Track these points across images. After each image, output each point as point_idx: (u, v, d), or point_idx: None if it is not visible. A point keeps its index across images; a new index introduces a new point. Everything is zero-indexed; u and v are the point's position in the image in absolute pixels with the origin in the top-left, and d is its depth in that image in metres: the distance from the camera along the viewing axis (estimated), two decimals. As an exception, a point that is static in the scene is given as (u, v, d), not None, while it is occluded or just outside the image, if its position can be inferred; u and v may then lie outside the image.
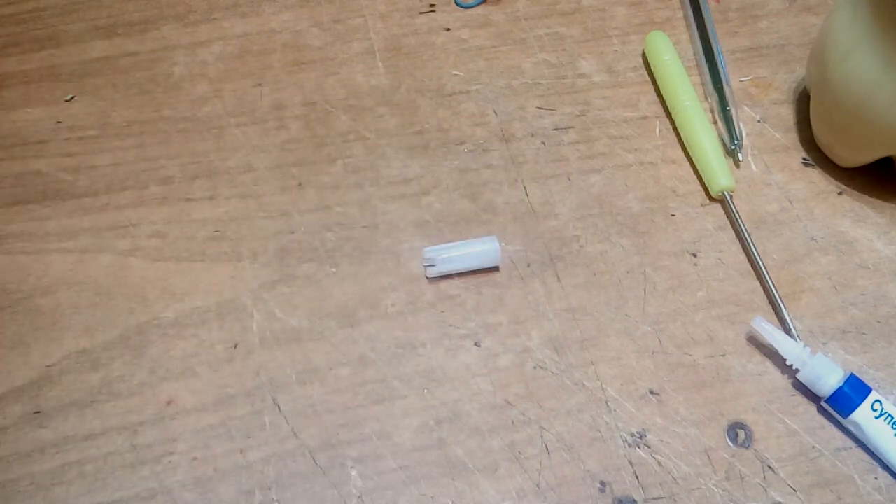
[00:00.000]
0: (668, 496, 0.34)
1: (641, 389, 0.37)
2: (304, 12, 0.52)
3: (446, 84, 0.48)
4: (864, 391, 0.35)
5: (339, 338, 0.39)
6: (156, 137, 0.46)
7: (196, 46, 0.50)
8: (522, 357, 0.38)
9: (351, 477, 0.35)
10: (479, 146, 0.45)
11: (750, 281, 0.41)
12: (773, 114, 0.47)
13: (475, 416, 0.36)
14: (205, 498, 0.34)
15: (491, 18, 0.52)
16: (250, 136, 0.46)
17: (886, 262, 0.41)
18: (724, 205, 0.43)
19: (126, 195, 0.43)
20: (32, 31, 0.51)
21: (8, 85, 0.48)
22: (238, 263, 0.41)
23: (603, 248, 0.42)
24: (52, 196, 0.43)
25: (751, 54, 0.50)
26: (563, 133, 0.46)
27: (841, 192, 0.44)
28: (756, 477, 0.35)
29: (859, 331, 0.39)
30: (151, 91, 0.48)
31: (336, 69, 0.49)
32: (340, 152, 0.45)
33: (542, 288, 0.40)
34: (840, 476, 0.35)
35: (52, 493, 0.34)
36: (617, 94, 0.48)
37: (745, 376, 0.38)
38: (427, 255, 0.40)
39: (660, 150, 0.46)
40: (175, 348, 0.38)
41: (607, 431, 0.36)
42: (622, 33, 0.51)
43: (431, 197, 0.43)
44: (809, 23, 0.52)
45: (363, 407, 0.37)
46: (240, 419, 0.36)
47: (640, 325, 0.39)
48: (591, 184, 0.44)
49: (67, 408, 0.37)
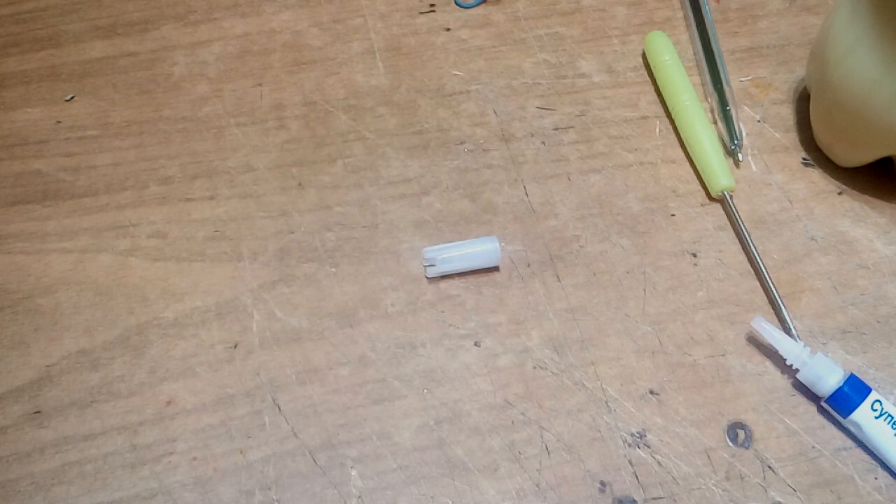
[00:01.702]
0: (668, 496, 0.34)
1: (641, 389, 0.37)
2: (304, 12, 0.52)
3: (446, 84, 0.48)
4: (863, 391, 0.35)
5: (339, 338, 0.39)
6: (156, 137, 0.46)
7: (196, 46, 0.50)
8: (522, 357, 0.38)
9: (351, 477, 0.35)
10: (479, 146, 0.45)
11: (750, 281, 0.41)
12: (773, 114, 0.47)
13: (475, 416, 0.36)
14: (205, 498, 0.34)
15: (491, 18, 0.52)
16: (250, 136, 0.46)
17: (886, 262, 0.41)
18: (724, 205, 0.43)
19: (126, 195, 0.43)
20: (32, 31, 0.51)
21: (8, 85, 0.48)
22: (238, 263, 0.41)
23: (603, 248, 0.42)
24: (52, 196, 0.43)
25: (751, 54, 0.50)
26: (563, 133, 0.46)
27: (841, 192, 0.44)
28: (756, 477, 0.35)
29: (859, 331, 0.39)
30: (151, 91, 0.48)
31: (336, 69, 0.49)
32: (340, 152, 0.45)
33: (542, 288, 0.40)
34: (840, 476, 0.35)
35: (52, 493, 0.34)
36: (617, 94, 0.48)
37: (745, 376, 0.38)
38: (427, 255, 0.40)
39: (660, 150, 0.46)
40: (175, 348, 0.38)
41: (607, 431, 0.36)
42: (622, 33, 0.51)
43: (431, 197, 0.43)
44: (809, 23, 0.52)
45: (363, 407, 0.37)
46: (240, 419, 0.36)
47: (640, 325, 0.39)
48: (591, 184, 0.44)
49: (67, 408, 0.37)
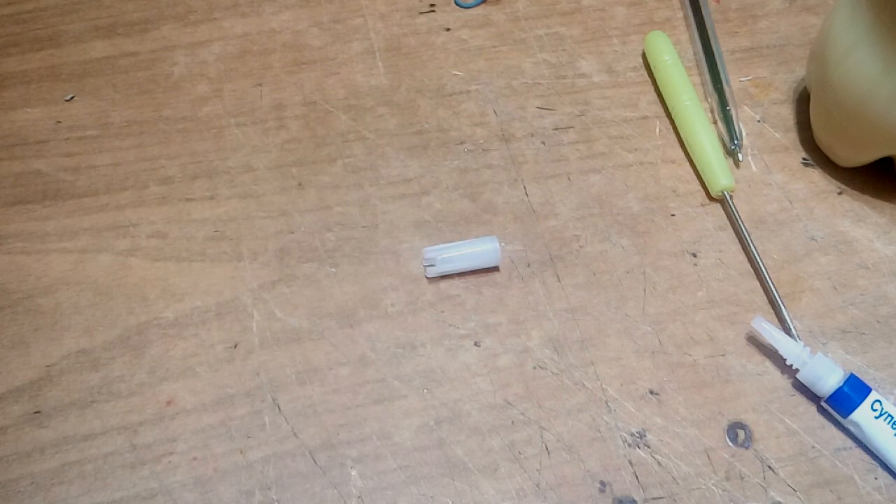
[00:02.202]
0: (668, 496, 0.34)
1: (641, 389, 0.37)
2: (304, 12, 0.52)
3: (446, 84, 0.48)
4: (863, 391, 0.35)
5: (339, 338, 0.39)
6: (156, 137, 0.46)
7: (196, 46, 0.50)
8: (522, 357, 0.38)
9: (351, 477, 0.35)
10: (479, 146, 0.45)
11: (750, 281, 0.41)
12: (773, 114, 0.47)
13: (475, 416, 0.36)
14: (205, 498, 0.34)
15: (491, 18, 0.52)
16: (250, 136, 0.46)
17: (886, 262, 0.41)
18: (724, 205, 0.43)
19: (126, 195, 0.43)
20: (32, 31, 0.51)
21: (8, 85, 0.48)
22: (238, 263, 0.41)
23: (603, 248, 0.42)
24: (52, 196, 0.43)
25: (751, 54, 0.50)
26: (563, 133, 0.46)
27: (841, 192, 0.44)
28: (756, 477, 0.35)
29: (859, 331, 0.39)
30: (151, 91, 0.48)
31: (336, 69, 0.49)
32: (340, 152, 0.45)
33: (542, 288, 0.40)
34: (840, 476, 0.35)
35: (52, 493, 0.34)
36: (617, 94, 0.48)
37: (745, 376, 0.38)
38: (427, 255, 0.40)
39: (660, 150, 0.46)
40: (175, 348, 0.38)
41: (607, 431, 0.36)
42: (622, 33, 0.51)
43: (431, 197, 0.43)
44: (809, 23, 0.52)
45: (363, 407, 0.37)
46: (240, 419, 0.36)
47: (640, 325, 0.39)
48: (591, 184, 0.44)
49: (67, 408, 0.37)
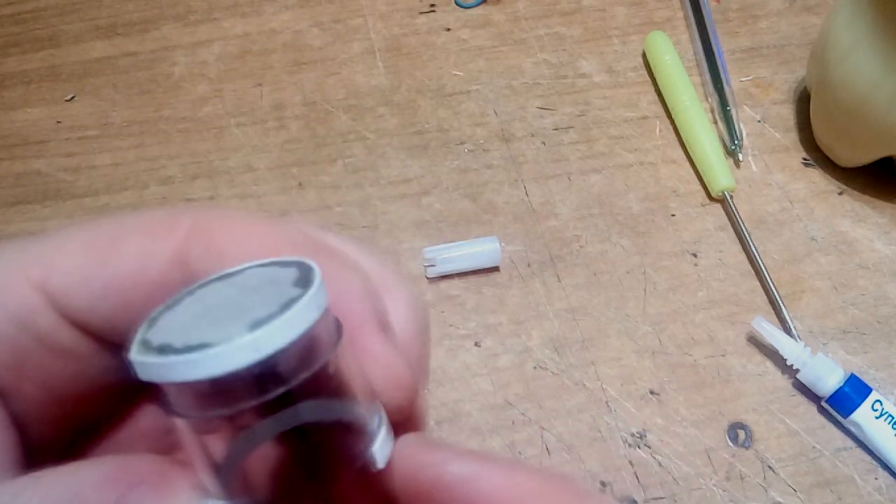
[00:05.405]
0: (668, 496, 0.34)
1: (641, 389, 0.37)
2: (304, 12, 0.52)
3: (446, 84, 0.48)
4: (864, 391, 0.35)
5: (339, 338, 0.39)
6: (156, 137, 0.46)
7: (196, 46, 0.50)
8: (522, 357, 0.38)
9: (351, 477, 0.35)
10: (479, 146, 0.45)
11: (750, 281, 0.41)
12: (773, 114, 0.47)
13: (475, 416, 0.36)
14: (205, 498, 0.34)
15: (491, 18, 0.52)
16: (250, 136, 0.46)
17: (886, 262, 0.41)
18: (725, 205, 0.43)
19: (126, 195, 0.43)
20: (32, 31, 0.51)
21: (8, 85, 0.48)
22: (238, 263, 0.41)
23: (603, 248, 0.42)
24: (52, 196, 0.43)
25: (751, 54, 0.50)
26: (563, 133, 0.46)
27: (841, 192, 0.44)
28: (756, 477, 0.35)
29: (859, 331, 0.39)
30: (151, 91, 0.48)
31: (336, 69, 0.49)
32: (340, 152, 0.45)
33: (542, 288, 0.40)
34: (840, 476, 0.35)
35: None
36: (617, 94, 0.48)
37: (745, 376, 0.38)
38: (427, 255, 0.40)
39: (660, 150, 0.46)
40: (175, 348, 0.38)
41: (607, 431, 0.36)
42: (622, 33, 0.51)
43: (431, 197, 0.43)
44: (809, 23, 0.52)
45: (363, 407, 0.37)
46: (240, 419, 0.36)
47: (641, 325, 0.39)
48: (591, 184, 0.44)
49: (67, 408, 0.36)
